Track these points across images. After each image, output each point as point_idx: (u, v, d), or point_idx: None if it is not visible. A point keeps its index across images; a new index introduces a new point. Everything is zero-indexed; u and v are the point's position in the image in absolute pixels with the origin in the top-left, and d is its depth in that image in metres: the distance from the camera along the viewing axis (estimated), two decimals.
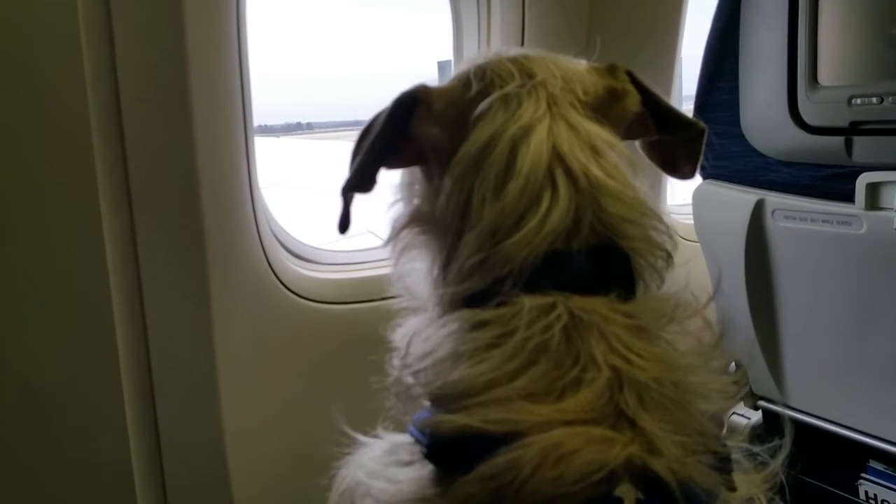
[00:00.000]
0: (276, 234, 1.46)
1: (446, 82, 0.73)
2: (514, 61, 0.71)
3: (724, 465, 0.59)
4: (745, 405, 1.58)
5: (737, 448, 0.63)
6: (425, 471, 0.60)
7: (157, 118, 1.16)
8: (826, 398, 1.43)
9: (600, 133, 0.67)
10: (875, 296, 1.27)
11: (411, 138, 0.71)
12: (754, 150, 1.38)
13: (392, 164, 0.75)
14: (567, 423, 0.53)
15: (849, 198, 1.22)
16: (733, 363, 0.71)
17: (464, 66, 0.73)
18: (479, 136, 0.66)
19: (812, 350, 1.43)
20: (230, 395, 1.29)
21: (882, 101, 1.17)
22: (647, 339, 0.60)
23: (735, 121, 1.40)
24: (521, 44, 1.64)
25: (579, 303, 0.59)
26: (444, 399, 0.59)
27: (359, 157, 0.72)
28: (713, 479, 0.56)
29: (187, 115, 1.15)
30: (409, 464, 0.62)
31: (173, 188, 1.19)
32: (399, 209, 0.76)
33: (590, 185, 0.63)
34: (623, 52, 1.68)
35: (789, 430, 0.67)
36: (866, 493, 1.41)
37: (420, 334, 0.65)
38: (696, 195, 1.52)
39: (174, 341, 1.25)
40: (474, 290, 0.62)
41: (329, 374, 1.40)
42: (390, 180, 0.77)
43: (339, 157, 0.76)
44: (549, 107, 0.67)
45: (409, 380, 0.63)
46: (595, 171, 0.64)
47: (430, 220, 0.72)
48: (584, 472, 0.51)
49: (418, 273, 0.74)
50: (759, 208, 1.37)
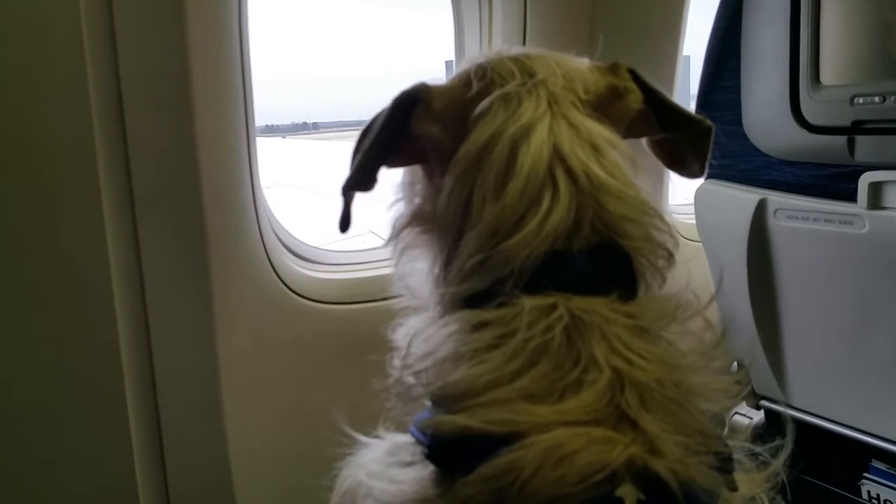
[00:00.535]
0: (278, 234, 1.46)
1: (447, 81, 0.73)
2: (515, 60, 0.70)
3: (725, 465, 0.58)
4: (748, 405, 1.58)
5: (738, 448, 0.63)
6: (426, 471, 0.59)
7: (159, 118, 1.16)
8: (828, 398, 1.43)
9: (601, 131, 0.66)
10: (877, 295, 1.27)
11: (412, 137, 0.71)
12: (756, 150, 1.38)
13: (393, 163, 0.75)
14: (568, 423, 0.53)
15: (851, 197, 1.22)
16: (735, 363, 0.71)
17: (464, 65, 0.73)
18: (479, 135, 0.66)
19: (814, 349, 1.42)
20: (232, 396, 1.29)
21: (884, 100, 1.17)
22: (648, 340, 0.59)
23: (737, 120, 1.40)
24: (523, 43, 1.64)
25: (580, 303, 0.59)
26: (445, 400, 0.59)
27: (359, 156, 0.72)
28: (714, 480, 0.55)
29: (189, 114, 1.16)
30: (410, 464, 0.62)
31: (175, 188, 1.19)
32: (400, 208, 0.76)
33: (590, 184, 0.63)
34: (624, 50, 1.68)
35: (791, 430, 0.66)
36: (869, 492, 1.41)
37: (421, 334, 0.65)
38: (698, 195, 1.52)
39: (176, 341, 1.25)
40: (475, 291, 0.62)
41: (331, 374, 1.40)
42: (391, 179, 0.77)
43: (344, 157, 0.75)
44: (549, 105, 0.66)
45: (410, 380, 0.63)
46: (596, 169, 0.63)
47: (431, 220, 0.71)
48: (586, 472, 0.51)
49: (419, 272, 0.74)
50: (761, 208, 1.37)
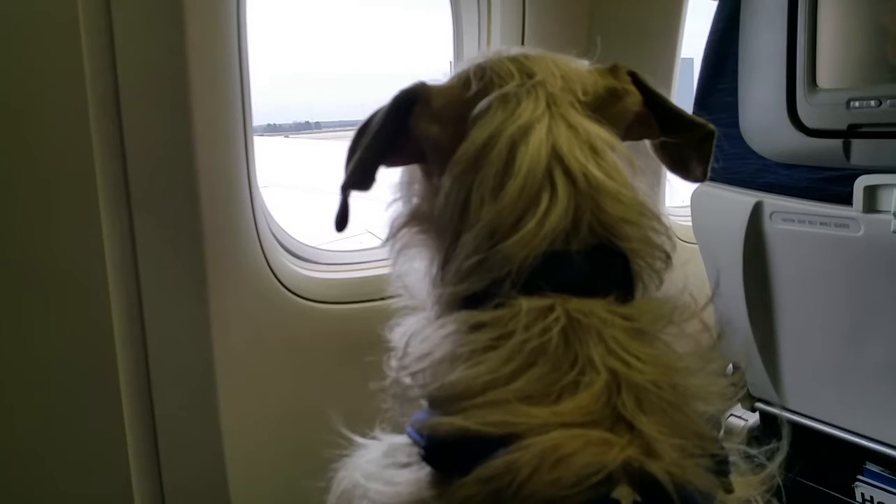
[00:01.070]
0: (275, 233, 1.45)
1: (446, 81, 0.73)
2: (514, 60, 0.70)
3: (721, 467, 0.58)
4: (743, 407, 1.58)
5: (734, 450, 0.63)
6: (423, 473, 0.59)
7: (157, 115, 1.15)
8: (823, 400, 1.43)
9: (600, 133, 0.66)
10: (872, 298, 1.27)
11: (410, 136, 0.71)
12: (753, 153, 1.38)
13: (391, 162, 0.75)
14: (565, 425, 0.53)
15: (847, 200, 1.23)
16: (731, 365, 0.71)
17: (463, 65, 0.72)
18: (478, 135, 0.65)
19: (809, 352, 1.43)
20: (228, 395, 1.29)
21: (880, 104, 1.17)
22: (645, 342, 0.59)
23: (734, 123, 1.41)
24: (522, 44, 1.64)
25: (577, 305, 0.59)
26: (441, 401, 0.58)
27: (357, 155, 0.72)
28: (710, 482, 0.55)
29: (187, 112, 1.15)
30: (406, 466, 0.61)
31: (172, 186, 1.19)
32: (398, 208, 0.76)
33: (589, 186, 0.63)
34: (623, 52, 1.67)
35: (787, 433, 0.67)
36: (863, 495, 1.41)
37: (418, 335, 0.65)
38: (695, 197, 1.52)
39: (172, 341, 1.25)
40: (472, 291, 0.62)
41: (328, 374, 1.40)
42: (388, 179, 0.77)
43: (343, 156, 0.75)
44: (548, 106, 0.66)
45: (407, 381, 0.63)
46: (594, 171, 0.63)
47: (428, 220, 0.71)
48: (582, 474, 0.51)
49: (417, 272, 0.73)
50: (757, 210, 1.37)
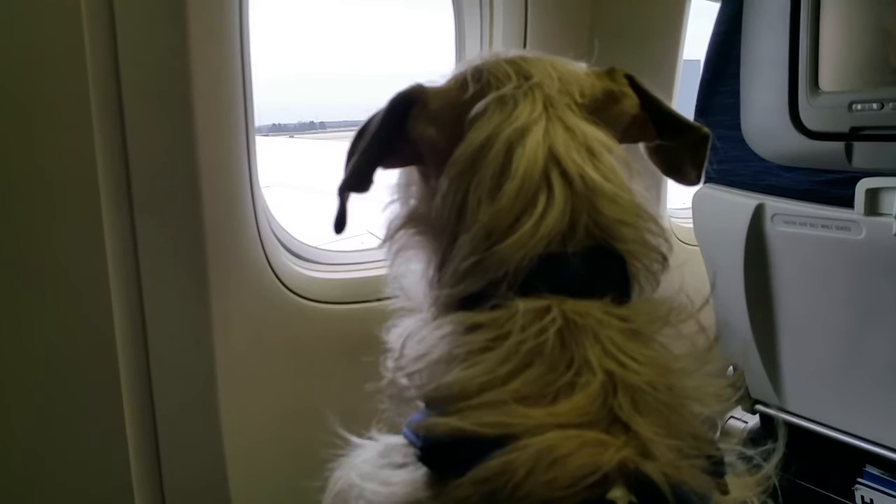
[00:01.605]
0: (277, 233, 1.46)
1: (443, 83, 0.73)
2: (511, 63, 0.70)
3: (717, 468, 0.58)
4: (743, 409, 1.58)
5: (730, 451, 0.63)
6: (419, 473, 0.59)
7: (159, 115, 1.15)
8: (823, 402, 1.43)
9: (597, 135, 0.66)
10: (873, 301, 1.27)
11: (408, 138, 0.71)
12: (755, 155, 1.38)
13: (389, 164, 0.75)
14: (561, 426, 0.53)
15: (848, 203, 1.23)
16: (731, 367, 0.71)
17: (461, 67, 0.73)
18: (475, 136, 0.66)
19: (810, 354, 1.43)
20: (229, 395, 1.29)
21: (882, 107, 1.17)
22: (641, 343, 0.59)
23: (736, 125, 1.41)
24: (524, 46, 1.64)
25: (574, 306, 0.59)
26: (437, 401, 0.59)
27: (355, 157, 0.72)
28: (706, 483, 0.55)
29: (189, 112, 1.15)
30: (402, 466, 0.62)
31: (174, 186, 1.19)
32: (395, 210, 0.76)
33: (585, 188, 0.63)
34: (625, 54, 1.67)
35: (783, 433, 0.67)
36: (863, 497, 1.41)
37: (415, 336, 0.65)
38: (696, 199, 1.52)
39: (173, 340, 1.25)
40: (469, 293, 0.62)
41: (329, 374, 1.40)
42: (387, 181, 0.77)
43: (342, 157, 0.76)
44: (545, 108, 0.66)
45: (403, 382, 0.63)
46: (591, 173, 0.63)
47: (426, 221, 0.71)
48: (578, 475, 0.51)
49: (414, 274, 0.74)
50: (758, 213, 1.37)
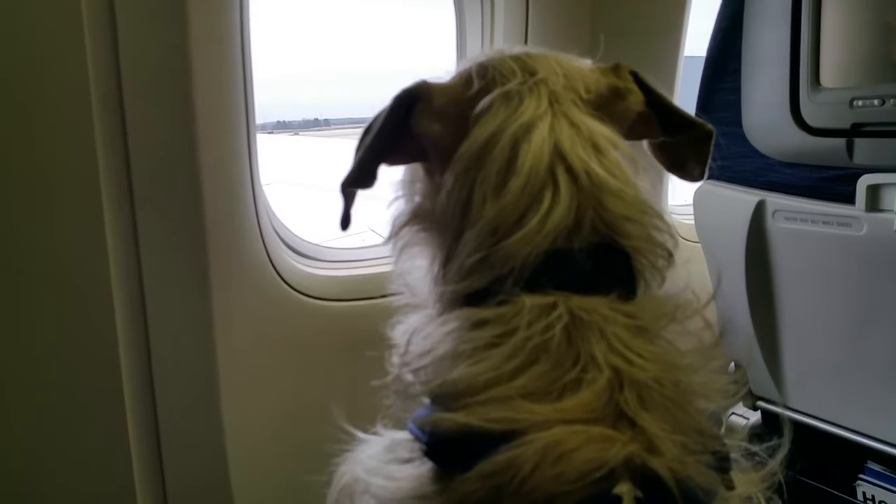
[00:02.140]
0: (278, 230, 1.46)
1: (448, 79, 0.73)
2: (516, 59, 0.70)
3: (722, 464, 0.59)
4: (745, 405, 1.58)
5: (735, 447, 0.64)
6: (424, 468, 0.60)
7: (160, 113, 1.15)
8: (825, 399, 1.43)
9: (602, 131, 0.66)
10: (875, 297, 1.27)
11: (412, 134, 0.71)
12: (756, 151, 1.38)
13: (393, 161, 0.75)
14: (567, 421, 0.53)
15: (849, 199, 1.22)
16: (733, 363, 0.71)
17: (465, 63, 0.73)
18: (480, 133, 0.66)
19: (811, 351, 1.43)
20: (231, 393, 1.29)
21: (883, 103, 1.17)
22: (647, 339, 0.59)
23: (737, 121, 1.41)
24: (525, 43, 1.64)
25: (580, 302, 0.59)
26: (443, 397, 0.59)
27: (359, 153, 0.72)
28: (712, 478, 0.56)
29: (189, 110, 1.15)
30: (408, 461, 0.62)
31: (175, 183, 1.19)
32: (400, 206, 0.76)
33: (591, 183, 0.63)
34: (626, 51, 1.67)
35: (788, 430, 0.67)
36: (864, 493, 1.41)
37: (420, 332, 0.65)
38: (697, 196, 1.52)
39: (175, 338, 1.25)
40: (475, 289, 0.62)
41: (331, 371, 1.40)
42: (391, 177, 0.77)
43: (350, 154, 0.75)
44: (550, 104, 0.66)
45: (409, 377, 0.63)
46: (596, 168, 0.63)
47: (431, 218, 0.71)
48: (584, 470, 0.51)
49: (419, 270, 0.74)
50: (759, 209, 1.37)
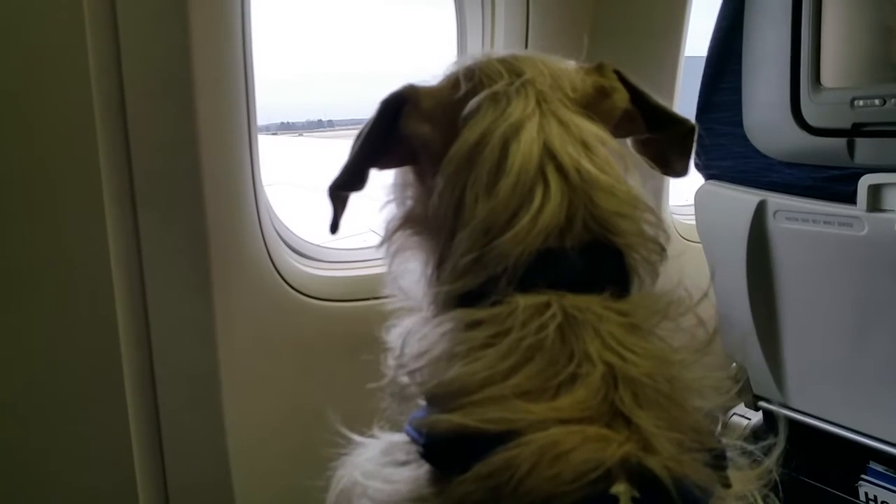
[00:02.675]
0: (279, 230, 1.46)
1: (435, 83, 0.74)
2: (503, 61, 0.71)
3: (718, 461, 0.59)
4: (746, 406, 1.58)
5: (731, 446, 0.64)
6: (422, 470, 0.60)
7: (161, 114, 1.16)
8: (826, 399, 1.43)
9: (591, 128, 0.67)
10: (876, 297, 1.27)
11: (401, 138, 0.72)
12: (757, 151, 1.38)
13: (383, 164, 0.75)
14: (563, 421, 0.53)
15: (850, 199, 1.22)
16: (734, 365, 0.71)
17: (452, 67, 0.73)
18: (469, 134, 0.66)
19: (813, 351, 1.43)
20: (232, 393, 1.30)
21: (884, 102, 1.17)
22: (640, 336, 0.60)
23: (738, 121, 1.40)
24: (525, 43, 1.64)
25: (573, 301, 0.59)
26: (439, 398, 0.59)
27: (348, 157, 0.73)
28: (708, 476, 0.56)
29: (191, 110, 1.16)
30: (405, 463, 0.62)
31: (176, 184, 1.19)
32: (391, 211, 0.76)
33: (582, 180, 0.63)
34: (626, 51, 1.69)
35: (784, 428, 0.67)
36: (866, 494, 1.41)
37: (415, 334, 0.65)
38: (699, 196, 1.52)
39: (176, 338, 1.25)
40: (468, 289, 0.62)
41: (332, 371, 1.40)
42: (384, 181, 0.77)
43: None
44: (538, 104, 0.67)
45: (405, 379, 0.63)
46: (587, 165, 0.64)
47: (422, 221, 0.72)
48: (581, 470, 0.51)
49: (412, 273, 0.74)
50: (760, 209, 1.37)
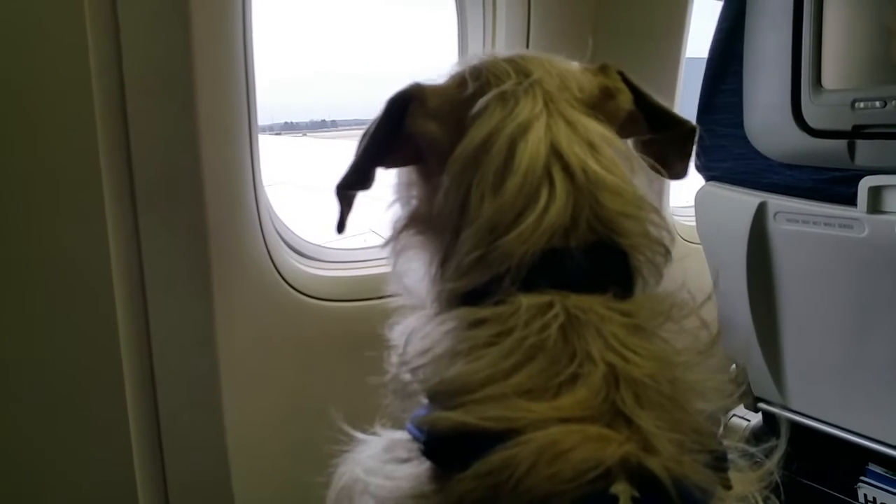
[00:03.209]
0: (280, 231, 1.46)
1: (441, 81, 0.74)
2: (510, 61, 0.71)
3: (719, 463, 0.59)
4: (746, 407, 1.58)
5: (732, 448, 0.64)
6: (423, 468, 0.60)
7: (162, 114, 1.16)
8: (826, 401, 1.43)
9: (598, 129, 0.67)
10: (877, 298, 1.27)
11: (407, 136, 0.72)
12: (757, 153, 1.38)
13: (389, 163, 0.75)
14: (564, 420, 0.54)
15: (851, 201, 1.22)
16: (734, 364, 0.71)
17: (458, 66, 0.74)
18: (476, 133, 0.66)
19: (813, 352, 1.43)
20: (232, 393, 1.30)
21: (885, 104, 1.17)
22: (643, 337, 0.60)
23: (738, 123, 1.41)
24: (527, 44, 1.65)
25: (576, 301, 0.59)
26: (441, 396, 0.59)
27: (354, 156, 0.73)
28: (709, 478, 0.56)
29: (192, 110, 1.16)
30: (406, 461, 0.62)
31: (177, 184, 1.19)
32: (397, 210, 0.77)
33: (587, 181, 0.63)
34: (628, 53, 1.69)
35: (785, 430, 0.67)
36: (865, 495, 1.41)
37: (418, 332, 0.66)
38: (699, 197, 1.52)
39: (176, 338, 1.25)
40: (472, 287, 0.63)
41: (332, 371, 1.40)
42: (390, 180, 0.77)
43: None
44: (546, 104, 0.67)
45: (407, 377, 0.64)
46: (593, 165, 0.64)
47: (427, 221, 0.72)
48: (581, 469, 0.51)
49: (416, 272, 0.74)
50: (761, 211, 1.37)
